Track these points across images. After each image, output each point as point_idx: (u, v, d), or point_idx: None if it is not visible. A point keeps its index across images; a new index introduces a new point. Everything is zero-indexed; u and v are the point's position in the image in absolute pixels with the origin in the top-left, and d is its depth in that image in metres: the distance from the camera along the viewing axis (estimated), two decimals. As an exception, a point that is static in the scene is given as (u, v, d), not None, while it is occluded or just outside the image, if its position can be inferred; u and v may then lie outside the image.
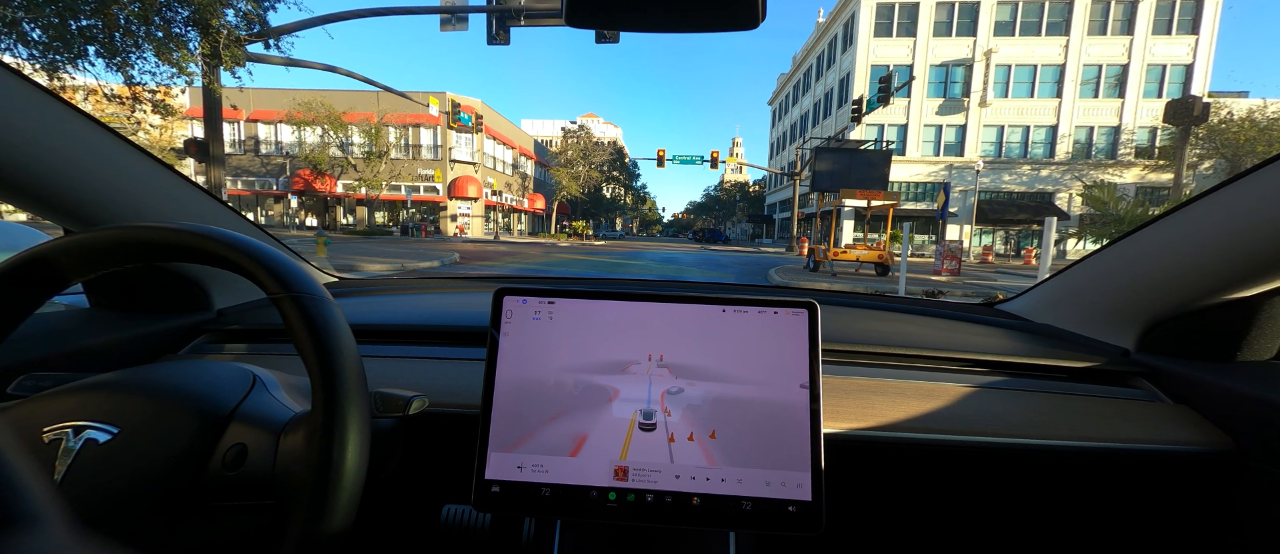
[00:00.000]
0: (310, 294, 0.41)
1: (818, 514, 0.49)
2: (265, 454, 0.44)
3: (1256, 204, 0.58)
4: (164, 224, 0.43)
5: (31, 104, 0.57)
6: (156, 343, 0.78)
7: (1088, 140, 27.49)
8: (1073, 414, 0.66)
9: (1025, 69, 27.38)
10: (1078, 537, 0.79)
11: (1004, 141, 27.75)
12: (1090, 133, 27.47)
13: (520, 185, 38.54)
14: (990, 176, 27.06)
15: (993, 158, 27.43)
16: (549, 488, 0.51)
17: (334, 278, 1.23)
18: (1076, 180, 27.45)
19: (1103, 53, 26.82)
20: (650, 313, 0.55)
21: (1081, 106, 27.24)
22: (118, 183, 0.69)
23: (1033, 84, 27.44)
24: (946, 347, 0.80)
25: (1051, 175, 27.82)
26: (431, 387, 0.68)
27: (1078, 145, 27.46)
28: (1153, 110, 26.79)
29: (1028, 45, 27.09)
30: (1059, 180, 27.77)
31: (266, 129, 29.66)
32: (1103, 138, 27.50)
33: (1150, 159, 26.68)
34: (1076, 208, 27.36)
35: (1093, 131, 27.41)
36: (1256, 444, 0.60)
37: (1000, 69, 27.29)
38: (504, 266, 12.44)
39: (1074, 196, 27.44)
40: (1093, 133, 27.43)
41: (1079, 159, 27.42)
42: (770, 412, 0.52)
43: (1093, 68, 27.05)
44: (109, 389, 0.45)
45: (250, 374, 0.52)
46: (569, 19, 0.51)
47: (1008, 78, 27.41)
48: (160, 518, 0.42)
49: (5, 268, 0.41)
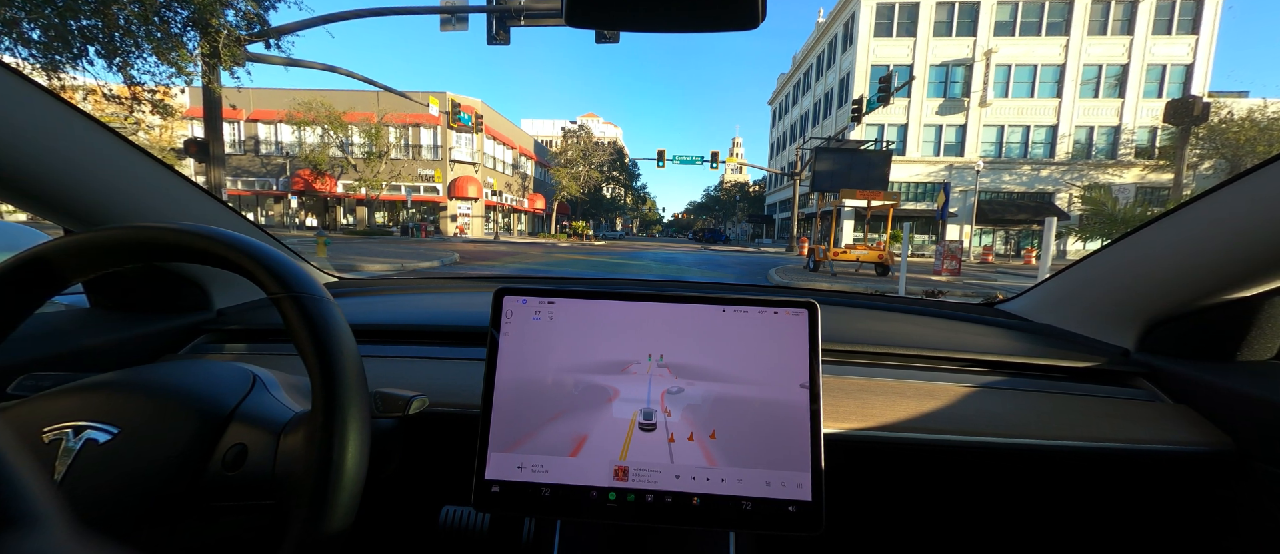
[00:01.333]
0: (310, 294, 0.41)
1: (818, 514, 0.49)
2: (265, 454, 0.44)
3: (1256, 204, 0.58)
4: (165, 224, 0.43)
5: (32, 104, 0.57)
6: (156, 343, 0.78)
7: (1088, 140, 27.50)
8: (1073, 414, 0.66)
9: (1025, 69, 27.37)
10: (1078, 536, 0.79)
11: (1004, 141, 27.74)
12: (1090, 133, 27.47)
13: (520, 185, 38.54)
14: (990, 177, 27.06)
15: (993, 158, 27.42)
16: (549, 488, 0.51)
17: (334, 278, 1.24)
18: (1076, 180, 27.42)
19: (1103, 53, 26.82)
20: (650, 313, 0.55)
21: (1081, 106, 27.25)
22: (118, 183, 0.69)
23: (1033, 84, 27.43)
24: (946, 347, 0.80)
25: (1051, 175, 27.83)
26: (431, 387, 0.68)
27: (1078, 145, 27.46)
28: (1153, 110, 26.80)
29: (1028, 45, 27.08)
30: (1059, 180, 27.78)
31: (267, 129, 29.64)
32: (1103, 138, 27.50)
33: (1150, 159, 26.67)
34: (1076, 208, 27.38)
35: (1093, 131, 27.41)
36: (1257, 444, 0.60)
37: (1000, 69, 27.30)
38: (503, 267, 12.44)
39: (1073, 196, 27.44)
40: (1093, 133, 27.43)
41: (1079, 159, 27.41)
42: (770, 411, 0.52)
43: (1093, 68, 27.05)
44: (109, 389, 0.45)
45: (250, 374, 0.52)
46: (569, 19, 0.51)
47: (1008, 78, 27.41)
48: (160, 518, 0.42)
49: (5, 268, 0.41)
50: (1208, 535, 0.68)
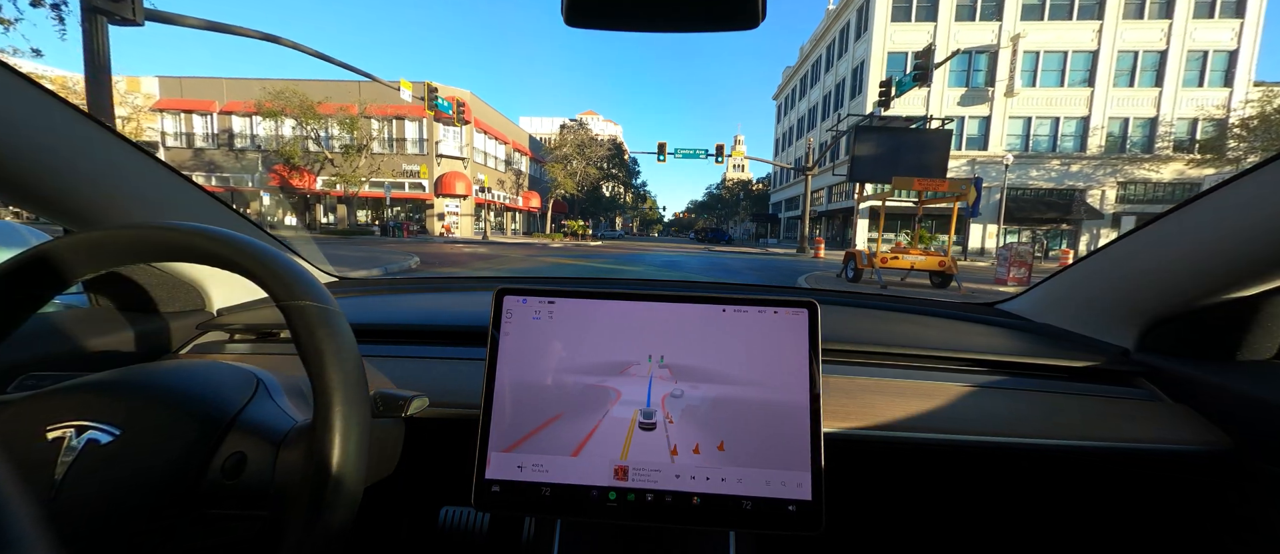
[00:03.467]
0: (319, 305, 0.42)
1: (818, 514, 0.51)
2: (264, 465, 0.45)
3: (1257, 203, 0.60)
4: (169, 224, 0.43)
5: (32, 104, 0.59)
6: (156, 343, 0.79)
7: (1122, 133, 25.73)
8: (1073, 414, 0.68)
9: (1054, 56, 25.64)
10: (1078, 536, 0.80)
11: (1031, 134, 25.89)
12: (1125, 125, 25.71)
13: (514, 182, 36.63)
14: (1016, 172, 25.00)
15: (1019, 151, 25.56)
16: (549, 488, 0.53)
17: (334, 277, 1.23)
18: (1109, 176, 25.28)
19: (1139, 38, 25.04)
20: (650, 312, 0.57)
21: (1115, 96, 25.50)
22: (118, 182, 0.71)
23: (1063, 72, 25.64)
24: (946, 346, 0.82)
25: (1082, 170, 25.88)
26: (431, 387, 0.69)
27: (1111, 138, 25.77)
28: (1194, 100, 24.63)
29: (1057, 30, 25.37)
30: (1091, 176, 25.73)
31: (242, 122, 27.58)
32: (1138, 130, 25.69)
33: (1190, 153, 24.51)
34: (1109, 206, 25.24)
35: (1128, 123, 25.65)
36: (1257, 444, 0.61)
37: (1027, 56, 25.26)
38: (471, 273, 10.42)
39: (1108, 193, 25.28)
40: (1128, 125, 25.67)
41: (1113, 153, 25.48)
42: (770, 411, 0.53)
43: (1128, 54, 25.29)
44: (113, 389, 0.47)
45: (253, 378, 0.54)
46: (569, 19, 0.53)
47: (1036, 65, 25.73)
48: (156, 523, 0.42)
49: (6, 267, 0.41)
50: (1208, 535, 0.69)
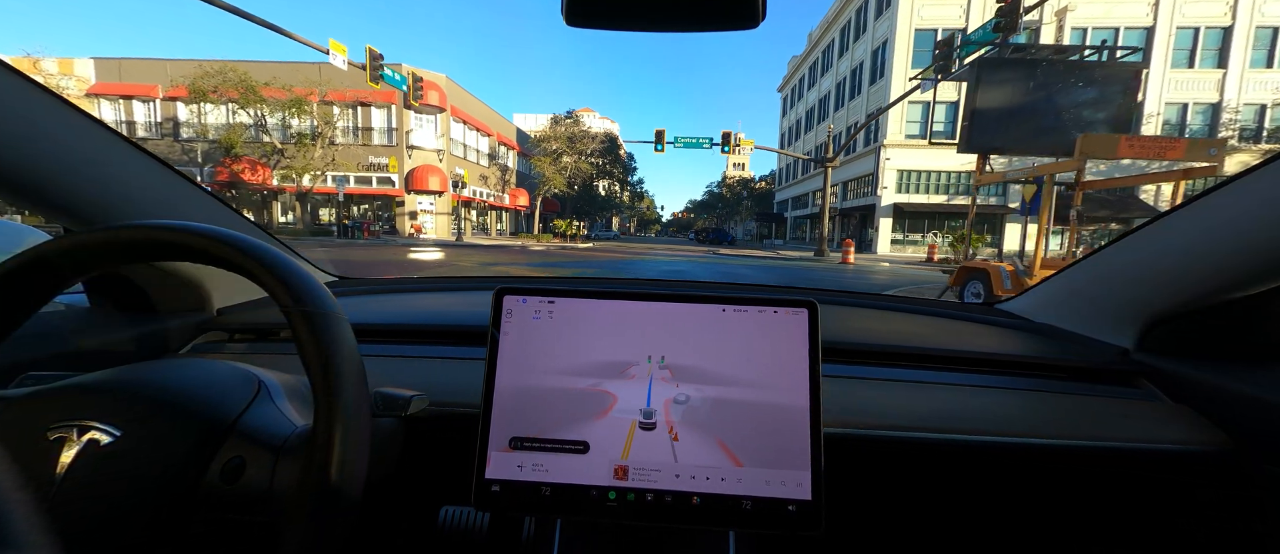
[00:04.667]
0: (324, 312, 0.43)
1: (818, 514, 0.53)
2: (263, 470, 0.46)
3: (1257, 204, 0.63)
4: (171, 224, 0.44)
5: (32, 102, 0.61)
6: (156, 343, 0.81)
7: (1179, 120, 23.29)
8: (1073, 414, 0.71)
9: (1103, 32, 22.73)
10: (1077, 536, 0.82)
11: (1077, 122, 22.63)
12: (1183, 111, 23.18)
13: (499, 178, 33.47)
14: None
15: (1066, 141, 22.31)
16: (549, 487, 0.55)
17: (334, 277, 1.25)
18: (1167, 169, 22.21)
19: (1199, 12, 22.59)
20: (651, 312, 0.60)
21: (1172, 79, 22.96)
22: (118, 181, 0.73)
23: (1113, 51, 22.18)
24: (946, 346, 0.84)
25: (1133, 164, 22.61)
26: (431, 386, 0.71)
27: (1167, 127, 22.74)
28: (1262, 83, 21.60)
29: (1107, 3, 22.07)
30: (1144, 169, 22.54)
31: (188, 110, 24.29)
32: (1198, 118, 22.80)
33: (1257, 143, 21.50)
34: (1163, 203, 22.13)
35: (1186, 110, 23.13)
36: (1256, 444, 0.64)
37: (1074, 32, 22.22)
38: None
39: (1163, 188, 22.16)
40: (1186, 111, 23.18)
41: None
42: (770, 411, 0.56)
43: (1187, 31, 22.75)
44: (114, 389, 0.48)
45: (254, 379, 0.56)
46: (569, 19, 0.54)
47: (1082, 42, 22.32)
48: (153, 525, 0.43)
49: (6, 267, 0.42)
50: (1208, 535, 0.72)
